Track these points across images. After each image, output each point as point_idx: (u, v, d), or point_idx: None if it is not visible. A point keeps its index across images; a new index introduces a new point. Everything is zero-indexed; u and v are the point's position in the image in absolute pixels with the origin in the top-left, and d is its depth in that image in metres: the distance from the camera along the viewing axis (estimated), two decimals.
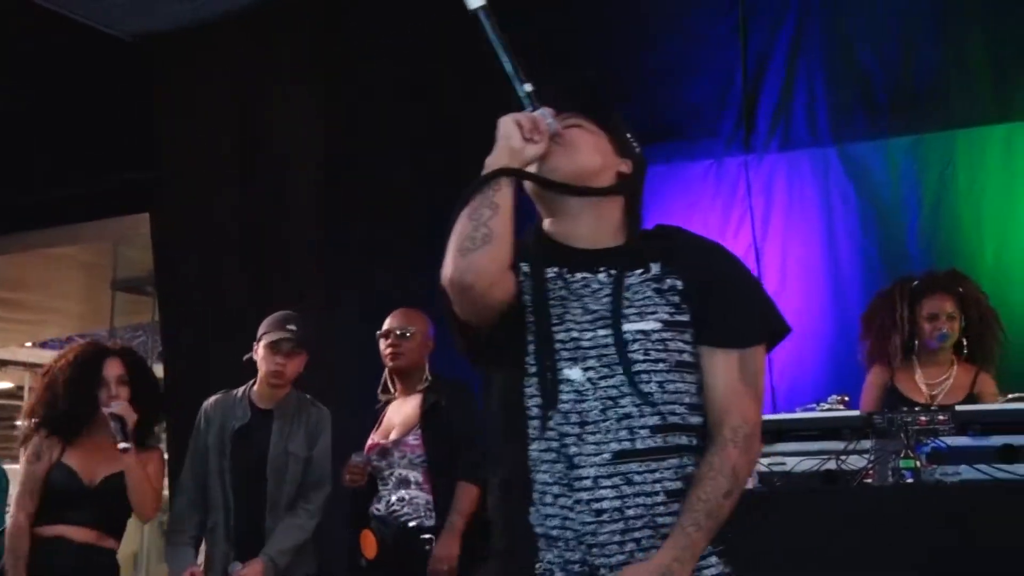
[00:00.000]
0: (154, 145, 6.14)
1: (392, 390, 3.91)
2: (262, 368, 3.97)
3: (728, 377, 1.86)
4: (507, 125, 1.85)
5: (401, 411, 3.82)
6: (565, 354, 1.82)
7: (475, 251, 1.77)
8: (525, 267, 1.89)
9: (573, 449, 1.79)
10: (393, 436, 3.75)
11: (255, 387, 4.03)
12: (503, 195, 1.80)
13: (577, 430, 1.79)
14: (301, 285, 5.52)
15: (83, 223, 6.97)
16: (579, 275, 1.89)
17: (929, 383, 3.91)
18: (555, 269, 1.89)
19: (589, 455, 1.78)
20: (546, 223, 1.98)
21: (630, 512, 1.77)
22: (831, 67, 4.71)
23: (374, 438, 3.83)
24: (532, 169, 1.88)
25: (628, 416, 1.79)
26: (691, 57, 4.90)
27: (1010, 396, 3.32)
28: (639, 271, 1.90)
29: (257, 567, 3.74)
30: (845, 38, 4.70)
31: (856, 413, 3.18)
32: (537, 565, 1.80)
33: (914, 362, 3.94)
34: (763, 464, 3.15)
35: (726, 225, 4.70)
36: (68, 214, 6.84)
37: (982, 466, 2.92)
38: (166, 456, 4.53)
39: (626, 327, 1.82)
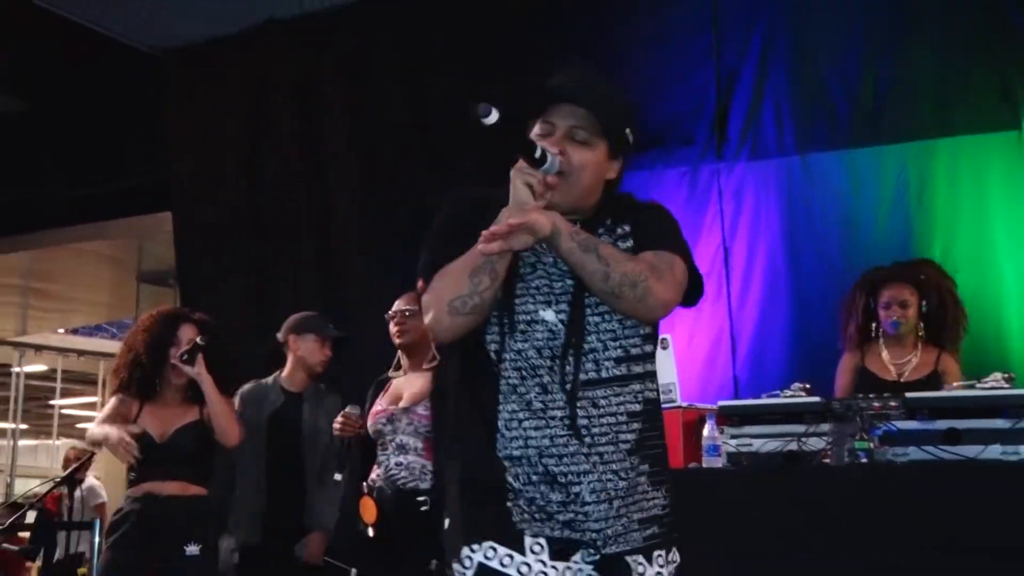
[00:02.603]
0: (175, 149, 6.16)
1: (401, 367, 3.90)
2: (309, 358, 4.16)
3: (649, 255, 1.91)
4: (520, 189, 1.83)
5: (410, 384, 3.77)
6: (540, 298, 1.89)
7: (461, 316, 1.84)
8: None
9: (547, 378, 1.86)
10: (403, 404, 3.71)
11: (284, 374, 4.20)
12: (503, 264, 1.84)
13: (549, 363, 1.86)
14: (303, 280, 5.56)
15: (111, 220, 6.99)
16: None
17: (896, 363, 3.88)
18: None
19: (559, 383, 1.85)
20: None
21: (595, 430, 1.85)
22: (796, 82, 4.72)
23: (381, 404, 3.77)
24: None
25: (594, 351, 1.88)
26: (669, 73, 4.92)
27: (955, 384, 3.34)
28: (600, 229, 1.96)
29: (317, 540, 3.95)
30: (809, 56, 4.70)
31: (816, 399, 3.20)
32: (507, 477, 1.86)
33: (881, 344, 3.93)
34: (731, 445, 3.17)
35: (699, 227, 4.71)
36: (97, 212, 6.86)
37: (929, 447, 2.95)
38: None
39: None
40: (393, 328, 3.80)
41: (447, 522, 1.95)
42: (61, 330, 12.72)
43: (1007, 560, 2.68)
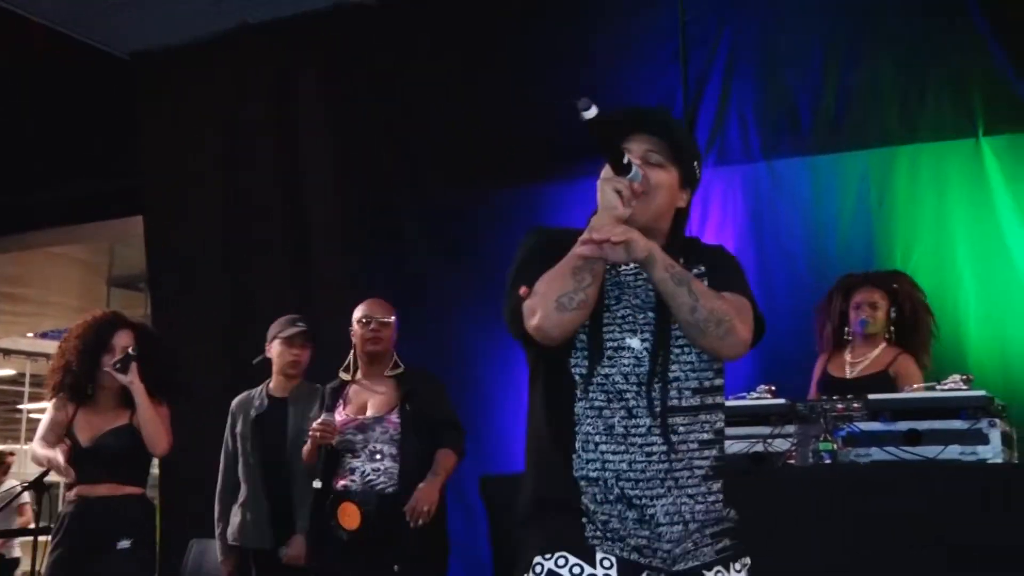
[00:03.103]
0: (147, 154, 6.11)
1: (354, 371, 3.85)
2: (279, 362, 4.17)
3: (729, 296, 2.00)
4: (609, 195, 1.90)
5: (373, 392, 3.76)
6: (626, 326, 1.97)
7: (569, 312, 1.89)
8: None
9: (632, 403, 1.93)
10: (372, 412, 3.69)
11: (271, 382, 4.22)
12: (600, 267, 1.92)
13: (635, 389, 1.93)
14: (277, 284, 5.54)
15: (82, 224, 6.93)
16: (632, 267, 1.99)
17: (853, 362, 3.94)
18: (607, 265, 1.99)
19: (644, 408, 1.92)
20: None
21: (674, 456, 1.92)
22: (761, 89, 4.77)
23: (347, 414, 3.73)
24: None
25: (676, 379, 1.95)
26: (637, 78, 4.95)
27: (915, 385, 3.39)
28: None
29: (299, 542, 3.89)
30: (774, 64, 4.76)
31: (782, 401, 3.23)
32: (582, 498, 1.92)
33: (848, 347, 4.00)
34: None
35: None
36: (68, 216, 6.80)
37: (890, 448, 2.99)
38: None
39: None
40: (367, 334, 3.78)
41: (516, 539, 1.99)
42: (30, 334, 12.59)
43: (966, 558, 2.73)
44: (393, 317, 3.84)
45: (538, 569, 1.90)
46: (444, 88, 5.30)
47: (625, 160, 1.90)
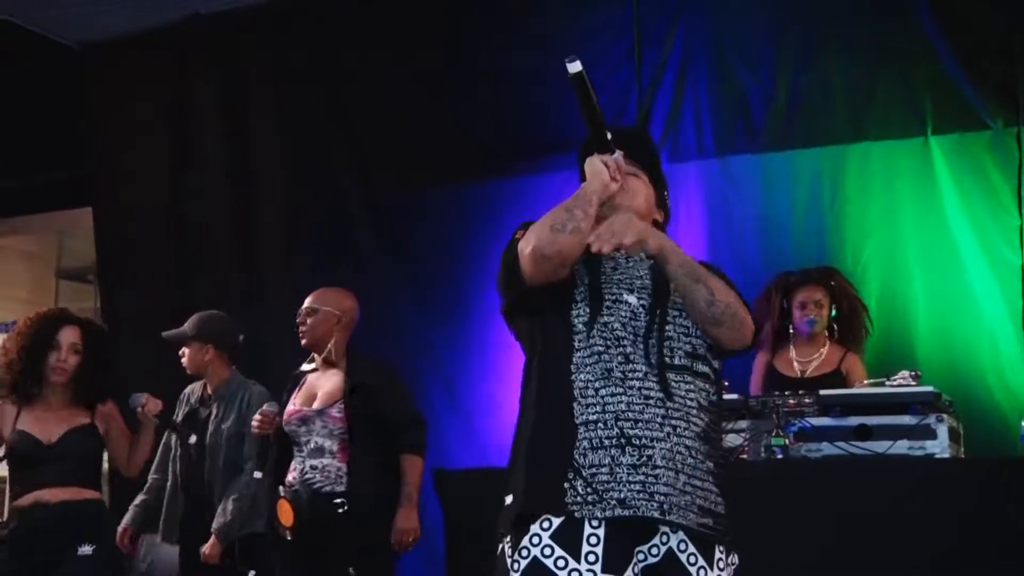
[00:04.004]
0: (96, 144, 5.98)
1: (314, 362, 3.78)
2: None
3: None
4: (598, 164, 2.04)
5: (323, 383, 3.68)
6: (623, 285, 2.04)
7: (563, 233, 1.96)
8: None
9: (629, 349, 1.97)
10: (316, 405, 3.62)
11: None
12: (593, 210, 2.01)
13: (632, 338, 1.98)
14: (225, 277, 5.48)
15: (30, 215, 6.78)
16: (624, 254, 2.08)
17: (801, 360, 3.99)
18: None
19: (641, 356, 1.97)
20: None
21: (671, 404, 1.95)
22: (715, 87, 4.77)
23: (295, 404, 3.67)
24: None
25: (670, 338, 1.99)
26: (591, 76, 4.88)
27: (867, 381, 3.40)
28: None
29: (213, 543, 3.80)
30: (727, 63, 4.76)
31: (735, 396, 3.23)
32: (574, 453, 1.92)
33: (791, 344, 4.04)
34: None
35: None
36: (16, 207, 6.65)
37: (841, 443, 3.00)
38: None
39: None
40: (300, 328, 3.72)
41: (508, 499, 1.98)
42: None
43: (915, 551, 2.74)
44: (323, 304, 3.69)
45: (524, 552, 1.89)
46: (394, 84, 5.25)
47: (609, 136, 2.03)
